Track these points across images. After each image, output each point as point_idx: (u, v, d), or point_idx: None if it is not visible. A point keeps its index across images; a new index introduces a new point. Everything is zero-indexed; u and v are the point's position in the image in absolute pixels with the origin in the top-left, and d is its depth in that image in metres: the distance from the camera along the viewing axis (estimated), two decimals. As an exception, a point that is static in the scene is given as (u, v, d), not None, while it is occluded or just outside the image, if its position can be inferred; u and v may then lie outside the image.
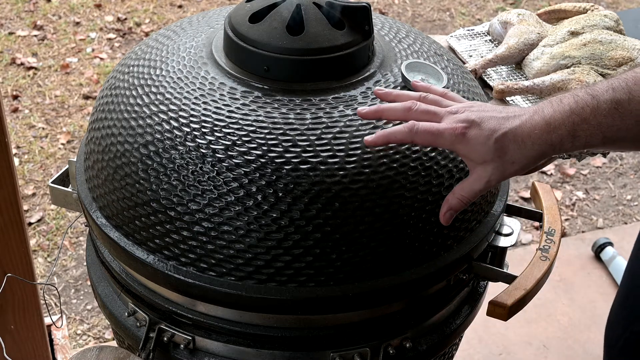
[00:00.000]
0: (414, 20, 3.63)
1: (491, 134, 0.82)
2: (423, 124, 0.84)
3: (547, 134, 0.82)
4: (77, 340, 2.03)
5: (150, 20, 3.50)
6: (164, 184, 0.89)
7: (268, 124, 0.89)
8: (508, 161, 0.83)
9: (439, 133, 0.84)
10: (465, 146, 0.83)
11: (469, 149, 0.83)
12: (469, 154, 0.84)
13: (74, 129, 2.78)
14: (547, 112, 0.82)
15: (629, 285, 1.06)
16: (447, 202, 0.88)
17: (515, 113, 0.84)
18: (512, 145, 0.82)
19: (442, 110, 0.86)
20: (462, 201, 0.86)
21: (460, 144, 0.84)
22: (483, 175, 0.84)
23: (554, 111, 0.82)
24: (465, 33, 1.61)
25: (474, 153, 0.83)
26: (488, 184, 0.84)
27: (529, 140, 0.82)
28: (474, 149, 0.83)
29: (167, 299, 0.97)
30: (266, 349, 0.95)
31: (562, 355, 1.92)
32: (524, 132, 0.82)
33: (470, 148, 0.83)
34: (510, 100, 1.40)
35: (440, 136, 0.84)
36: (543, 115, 0.82)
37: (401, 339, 0.97)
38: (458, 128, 0.83)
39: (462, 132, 0.83)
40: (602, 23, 1.45)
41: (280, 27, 0.94)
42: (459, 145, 0.84)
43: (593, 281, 2.09)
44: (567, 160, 1.31)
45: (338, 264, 0.87)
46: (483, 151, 0.83)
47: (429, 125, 0.85)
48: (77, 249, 2.30)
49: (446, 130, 0.83)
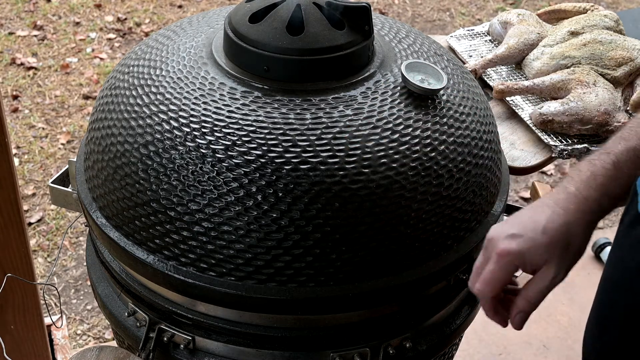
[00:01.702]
0: (414, 20, 3.63)
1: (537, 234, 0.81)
2: (477, 286, 0.85)
3: (582, 204, 0.81)
4: (77, 340, 2.03)
5: (150, 20, 3.50)
6: (164, 184, 0.89)
7: (268, 124, 0.89)
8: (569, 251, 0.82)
9: (492, 272, 0.83)
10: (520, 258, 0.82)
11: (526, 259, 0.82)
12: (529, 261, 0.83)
13: (74, 129, 2.78)
14: (570, 188, 0.82)
15: (601, 294, 1.06)
16: (515, 305, 0.86)
17: (543, 204, 0.83)
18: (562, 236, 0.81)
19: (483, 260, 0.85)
20: (530, 302, 0.85)
21: (516, 260, 0.82)
22: (547, 273, 0.83)
23: (577, 182, 0.82)
24: (465, 33, 1.61)
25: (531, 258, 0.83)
26: (554, 281, 0.83)
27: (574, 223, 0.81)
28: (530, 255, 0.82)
29: (167, 299, 0.96)
30: (266, 349, 0.95)
31: (562, 355, 1.92)
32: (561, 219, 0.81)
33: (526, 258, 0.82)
34: (510, 100, 1.40)
35: (494, 272, 0.83)
36: (569, 192, 0.82)
37: (401, 339, 0.97)
38: (503, 252, 0.82)
39: (508, 251, 0.82)
40: (602, 23, 1.45)
41: (280, 27, 0.94)
42: (517, 262, 0.83)
43: (593, 281, 2.08)
44: (567, 160, 1.31)
45: (338, 264, 0.87)
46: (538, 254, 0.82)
47: (480, 277, 0.84)
48: (77, 249, 2.30)
49: (495, 264, 0.83)
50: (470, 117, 0.99)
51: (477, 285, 0.85)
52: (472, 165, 0.96)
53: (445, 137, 0.94)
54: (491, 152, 1.02)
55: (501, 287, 0.84)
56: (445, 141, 0.94)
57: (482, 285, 0.84)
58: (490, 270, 0.83)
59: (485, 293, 0.84)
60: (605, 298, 1.05)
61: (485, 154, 1.00)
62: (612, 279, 1.04)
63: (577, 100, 1.30)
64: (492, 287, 0.83)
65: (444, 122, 0.96)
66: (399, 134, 0.91)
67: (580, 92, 1.32)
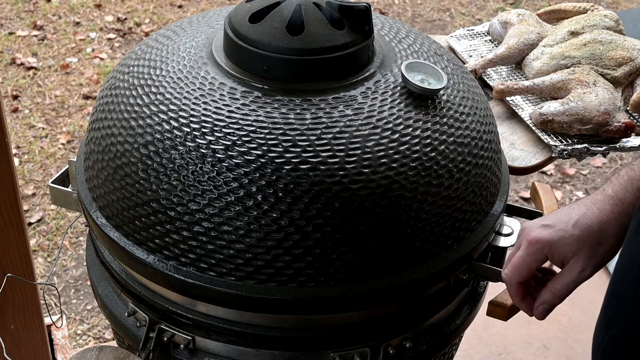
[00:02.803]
0: (414, 20, 3.63)
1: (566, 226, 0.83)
2: (507, 272, 0.87)
3: (617, 206, 0.82)
4: (77, 340, 2.03)
5: (150, 20, 3.50)
6: (164, 184, 0.89)
7: (268, 124, 0.89)
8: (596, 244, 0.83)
9: (520, 258, 0.85)
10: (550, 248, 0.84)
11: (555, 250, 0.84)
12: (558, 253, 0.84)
13: (74, 129, 2.78)
14: (608, 190, 0.84)
15: (612, 286, 1.07)
16: (540, 296, 0.87)
17: (580, 202, 0.85)
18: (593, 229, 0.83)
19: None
20: (555, 294, 0.86)
21: (545, 249, 0.84)
22: (575, 266, 0.83)
23: (615, 185, 0.84)
24: (465, 33, 1.61)
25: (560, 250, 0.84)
26: (581, 275, 0.84)
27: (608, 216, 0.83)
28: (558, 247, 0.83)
29: (167, 299, 0.97)
30: (266, 349, 0.95)
31: (562, 355, 1.92)
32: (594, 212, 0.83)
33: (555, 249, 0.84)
34: (510, 100, 1.40)
35: (523, 258, 0.85)
36: (606, 194, 0.84)
37: (401, 339, 0.97)
38: (533, 240, 0.84)
39: (537, 239, 0.83)
40: (602, 23, 1.45)
41: (280, 27, 0.94)
42: (545, 252, 0.84)
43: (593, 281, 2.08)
44: (567, 160, 1.31)
45: (338, 264, 0.87)
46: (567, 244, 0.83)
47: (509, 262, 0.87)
48: (77, 249, 2.30)
49: (524, 251, 0.84)
50: (470, 117, 0.99)
51: (505, 270, 0.88)
52: (472, 165, 0.97)
53: (445, 137, 0.94)
54: (491, 152, 1.02)
55: (528, 274, 0.86)
56: (445, 141, 0.94)
57: (510, 270, 0.87)
58: (519, 256, 0.86)
59: (512, 277, 0.87)
60: (614, 290, 1.05)
61: (485, 154, 1.00)
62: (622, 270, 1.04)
63: (577, 100, 1.30)
64: (518, 273, 0.86)
65: (444, 122, 0.96)
66: (399, 134, 0.91)
67: (580, 92, 1.32)
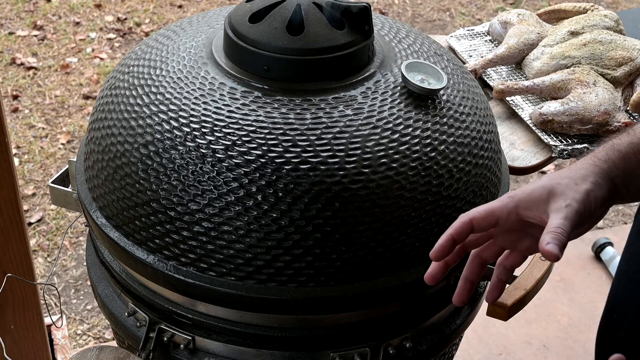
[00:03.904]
0: (414, 20, 3.63)
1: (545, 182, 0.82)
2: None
3: (589, 158, 0.82)
4: (77, 340, 2.03)
5: (150, 20, 3.50)
6: (164, 184, 0.89)
7: (268, 124, 0.89)
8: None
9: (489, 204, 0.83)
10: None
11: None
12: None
13: (74, 129, 2.78)
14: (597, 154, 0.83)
15: (614, 290, 1.06)
16: (542, 239, 0.81)
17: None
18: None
19: None
20: (554, 233, 0.79)
21: (514, 202, 0.82)
22: (556, 206, 0.81)
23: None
24: (465, 33, 1.61)
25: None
26: (568, 208, 0.80)
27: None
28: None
29: (167, 299, 0.97)
30: (266, 349, 0.95)
31: (562, 355, 1.92)
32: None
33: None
34: (510, 100, 1.40)
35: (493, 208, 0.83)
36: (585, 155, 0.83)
37: (401, 339, 0.97)
38: (503, 196, 0.83)
39: (508, 195, 0.82)
40: (602, 23, 1.45)
41: (280, 27, 0.94)
42: (516, 205, 0.82)
43: (593, 281, 2.09)
44: (567, 160, 1.31)
45: (338, 264, 0.87)
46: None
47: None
48: (77, 249, 2.30)
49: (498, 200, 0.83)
50: (470, 117, 0.99)
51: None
52: (472, 165, 0.97)
53: (445, 137, 0.94)
54: (491, 152, 1.02)
55: (487, 216, 0.83)
56: (445, 141, 0.94)
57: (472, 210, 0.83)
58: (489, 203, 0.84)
59: (467, 213, 0.83)
60: (618, 294, 1.05)
61: (485, 154, 1.00)
62: (626, 275, 1.04)
63: (577, 100, 1.30)
64: (477, 210, 0.83)
65: (444, 122, 0.96)
66: (399, 134, 0.91)
67: (580, 92, 1.32)
